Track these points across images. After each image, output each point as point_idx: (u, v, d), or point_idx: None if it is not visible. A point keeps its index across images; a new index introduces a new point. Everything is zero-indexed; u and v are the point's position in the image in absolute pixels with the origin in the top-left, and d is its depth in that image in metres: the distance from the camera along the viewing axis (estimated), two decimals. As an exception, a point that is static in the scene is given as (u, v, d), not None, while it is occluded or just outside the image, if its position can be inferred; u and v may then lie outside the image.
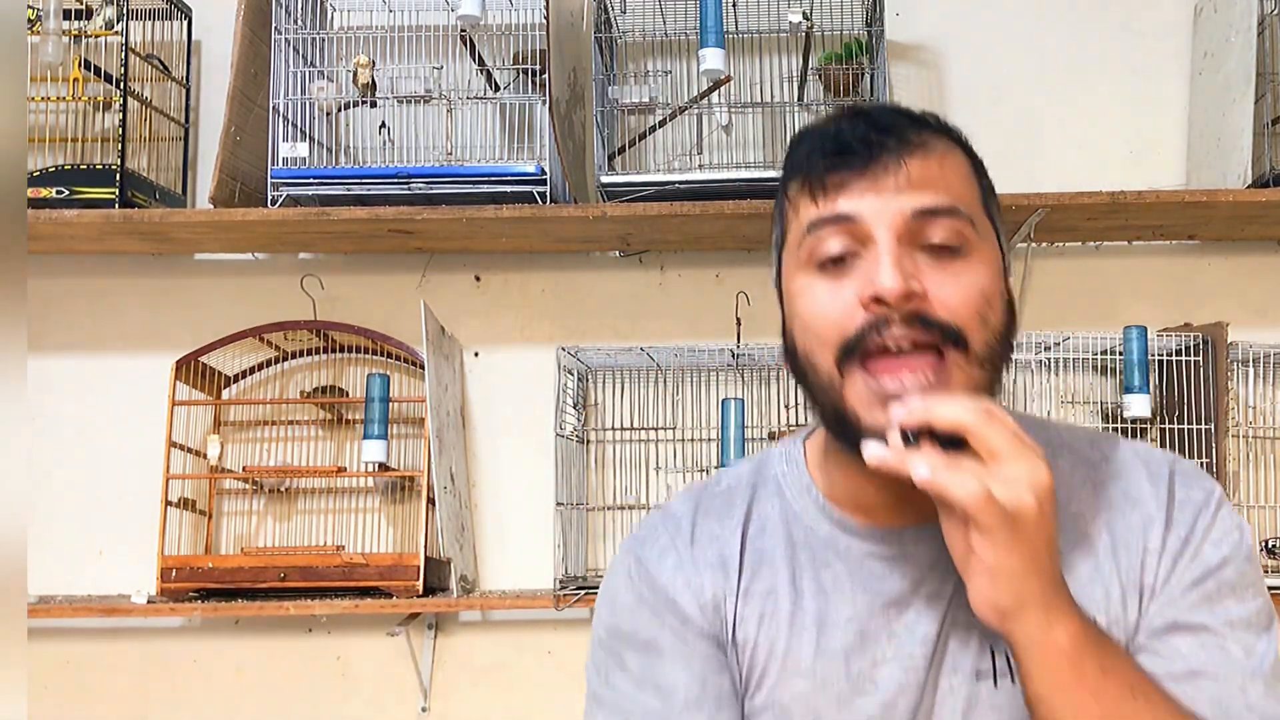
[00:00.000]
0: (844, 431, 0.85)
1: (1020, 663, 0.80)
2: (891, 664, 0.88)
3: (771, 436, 1.84)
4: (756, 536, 0.94)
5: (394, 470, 1.85)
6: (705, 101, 1.82)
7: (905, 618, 0.89)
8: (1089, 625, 0.81)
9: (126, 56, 1.80)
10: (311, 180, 1.74)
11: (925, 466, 0.77)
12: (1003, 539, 0.77)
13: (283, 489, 1.91)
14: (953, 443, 0.78)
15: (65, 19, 1.82)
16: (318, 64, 1.83)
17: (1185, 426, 1.72)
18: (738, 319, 1.83)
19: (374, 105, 1.85)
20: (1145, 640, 0.87)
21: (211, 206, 1.75)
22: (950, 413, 0.78)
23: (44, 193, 1.77)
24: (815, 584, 0.91)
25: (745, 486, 0.98)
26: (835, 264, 0.85)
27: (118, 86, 1.80)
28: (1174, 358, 1.76)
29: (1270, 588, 1.71)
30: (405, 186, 1.73)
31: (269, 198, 1.74)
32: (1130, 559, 0.88)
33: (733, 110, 1.87)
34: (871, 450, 0.80)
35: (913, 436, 0.79)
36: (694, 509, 0.97)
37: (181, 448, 1.84)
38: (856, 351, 0.83)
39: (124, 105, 1.79)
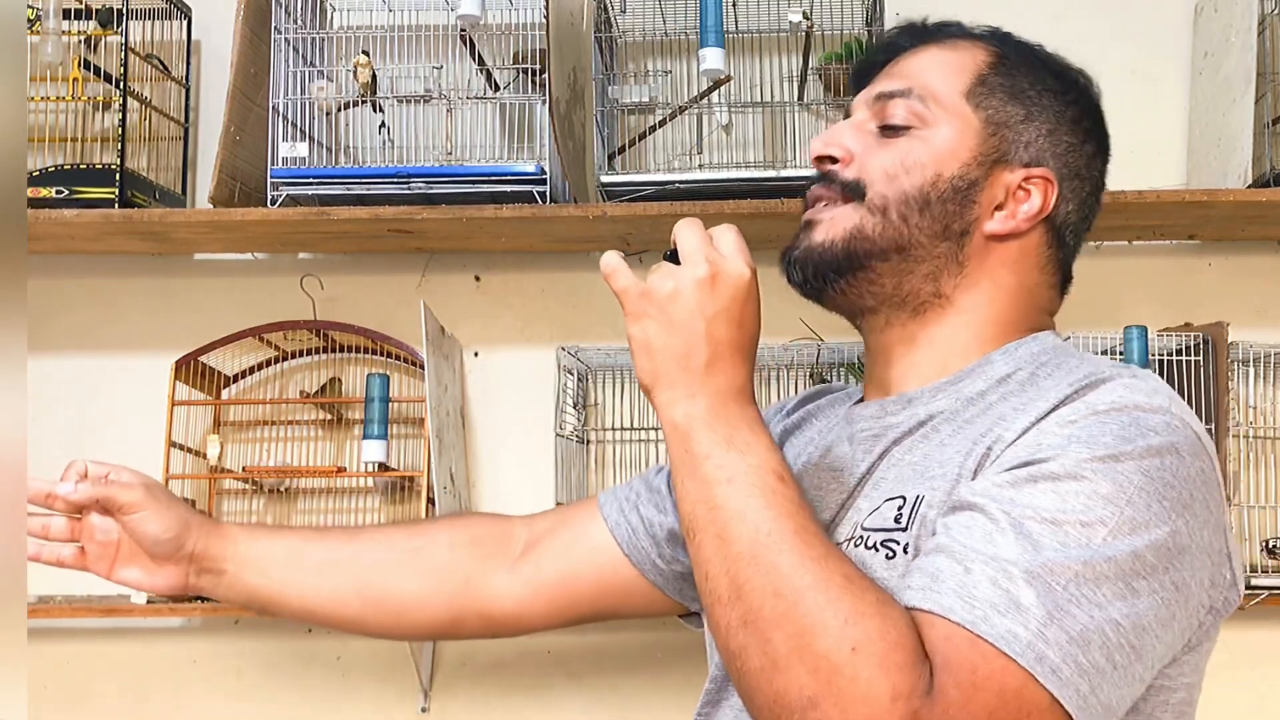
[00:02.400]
0: None
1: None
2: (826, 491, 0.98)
3: (771, 436, 1.83)
4: (806, 421, 1.12)
5: (394, 470, 1.85)
6: (705, 101, 1.82)
7: (830, 486, 0.98)
8: (723, 416, 0.86)
9: (126, 56, 1.80)
10: (311, 180, 1.74)
11: (606, 256, 0.93)
12: (631, 312, 0.90)
13: (282, 489, 1.91)
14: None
15: (65, 19, 1.83)
16: (318, 64, 1.83)
17: (1185, 426, 1.72)
18: (738, 319, 1.82)
19: (377, 109, 1.84)
20: (938, 516, 0.84)
21: (211, 206, 1.75)
22: (676, 228, 0.93)
23: (44, 193, 1.77)
24: (802, 456, 1.05)
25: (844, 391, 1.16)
26: None
27: (118, 86, 1.80)
28: (1174, 358, 1.76)
29: (1269, 587, 1.72)
30: (405, 186, 1.73)
31: (269, 198, 1.74)
32: (982, 445, 0.86)
33: (733, 110, 1.87)
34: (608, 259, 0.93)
35: (672, 254, 0.93)
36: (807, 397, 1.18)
37: (181, 448, 1.84)
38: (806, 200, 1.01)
39: (124, 105, 1.79)
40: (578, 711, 1.87)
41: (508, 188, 1.71)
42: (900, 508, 0.88)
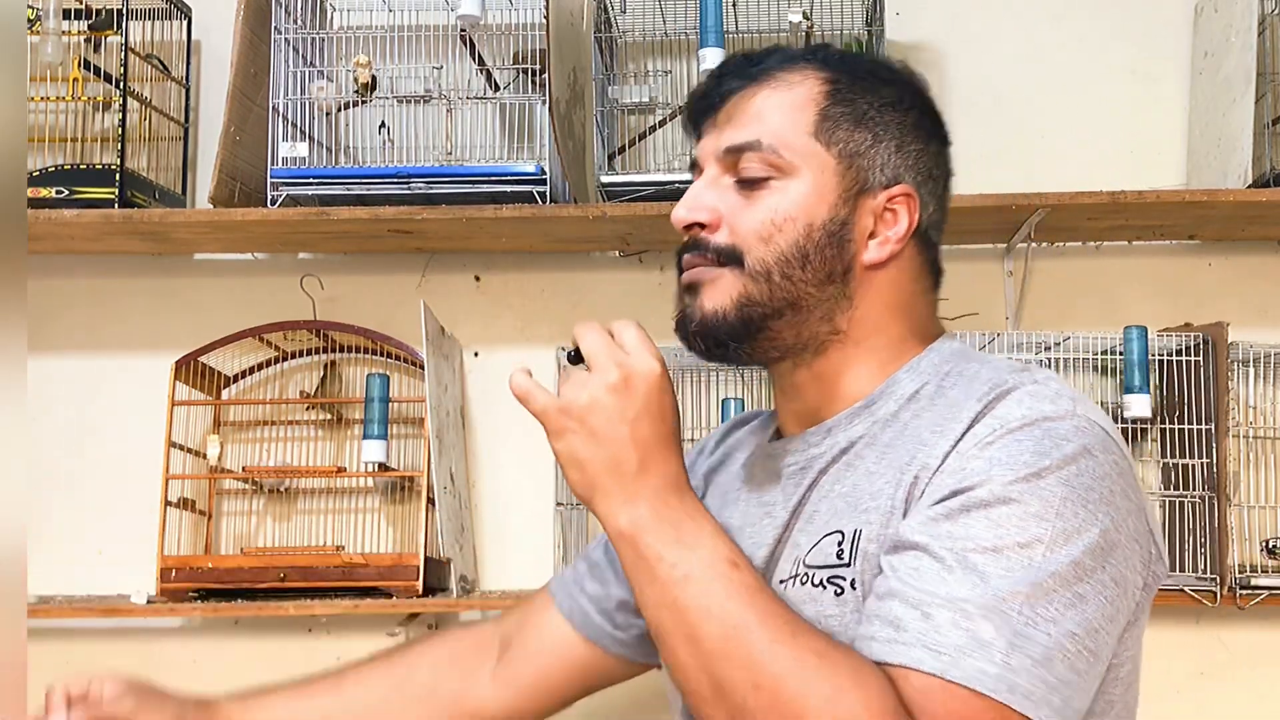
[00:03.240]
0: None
1: None
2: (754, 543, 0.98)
3: (771, 436, 1.84)
4: (727, 457, 1.12)
5: (394, 470, 1.85)
6: (705, 101, 1.81)
7: (763, 521, 0.98)
8: (667, 515, 0.87)
9: (126, 56, 1.80)
10: (311, 180, 1.74)
11: (514, 378, 0.93)
12: (552, 429, 0.90)
13: (282, 489, 1.91)
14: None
15: (65, 19, 1.83)
16: (318, 64, 1.83)
17: (1185, 426, 1.72)
18: (738, 319, 1.82)
19: (374, 103, 1.84)
20: (881, 558, 0.85)
21: (211, 206, 1.75)
22: (575, 330, 0.92)
23: (44, 193, 1.77)
24: (721, 494, 1.07)
25: (757, 422, 1.14)
26: None
27: (118, 86, 1.80)
28: (1174, 358, 1.76)
29: (1269, 587, 1.71)
30: (405, 186, 1.73)
31: (269, 198, 1.74)
32: (909, 475, 0.87)
33: (733, 110, 1.87)
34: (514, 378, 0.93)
35: (574, 354, 0.93)
36: (726, 432, 1.17)
37: (181, 448, 1.84)
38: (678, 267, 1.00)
39: (124, 105, 1.79)
40: (578, 711, 1.87)
41: (508, 188, 1.71)
42: (840, 543, 0.89)
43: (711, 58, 1.72)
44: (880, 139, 0.97)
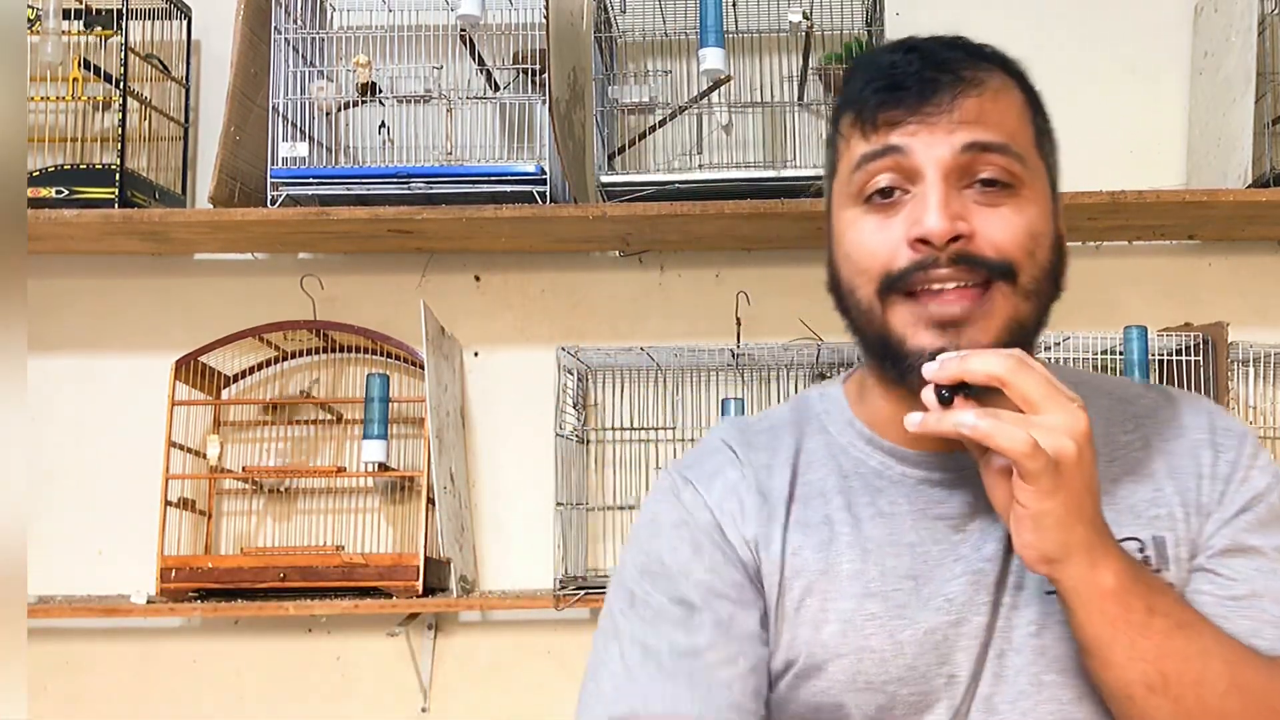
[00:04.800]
0: (888, 355, 0.87)
1: (1070, 608, 0.82)
2: (960, 580, 0.89)
3: (771, 436, 1.83)
4: (805, 470, 0.95)
5: (394, 470, 1.85)
6: (705, 101, 1.82)
7: (970, 538, 0.90)
8: (1133, 565, 0.83)
9: (126, 56, 1.80)
10: (311, 180, 1.74)
11: (972, 418, 0.79)
12: (1047, 486, 0.78)
13: (282, 489, 1.91)
14: (981, 393, 0.81)
15: (65, 19, 1.83)
16: (318, 64, 1.83)
17: (1185, 426, 1.72)
18: (738, 319, 1.83)
19: (381, 103, 1.84)
20: (1205, 560, 0.89)
21: (211, 206, 1.75)
22: (984, 365, 0.79)
23: (44, 193, 1.77)
24: (874, 509, 0.92)
25: (789, 424, 0.99)
26: (884, 199, 0.88)
27: (117, 86, 1.80)
28: (1174, 358, 1.76)
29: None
30: (405, 186, 1.73)
31: (269, 198, 1.74)
32: (1185, 480, 0.92)
33: (733, 110, 1.87)
34: (912, 419, 0.82)
35: (947, 393, 0.81)
36: (742, 442, 0.98)
37: (181, 448, 1.84)
38: (899, 287, 0.85)
39: (124, 105, 1.79)
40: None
41: (508, 188, 1.71)
42: (1142, 550, 0.90)
43: (711, 58, 1.72)
44: (1055, 152, 0.95)
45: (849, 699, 0.89)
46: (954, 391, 0.81)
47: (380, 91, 1.82)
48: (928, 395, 0.82)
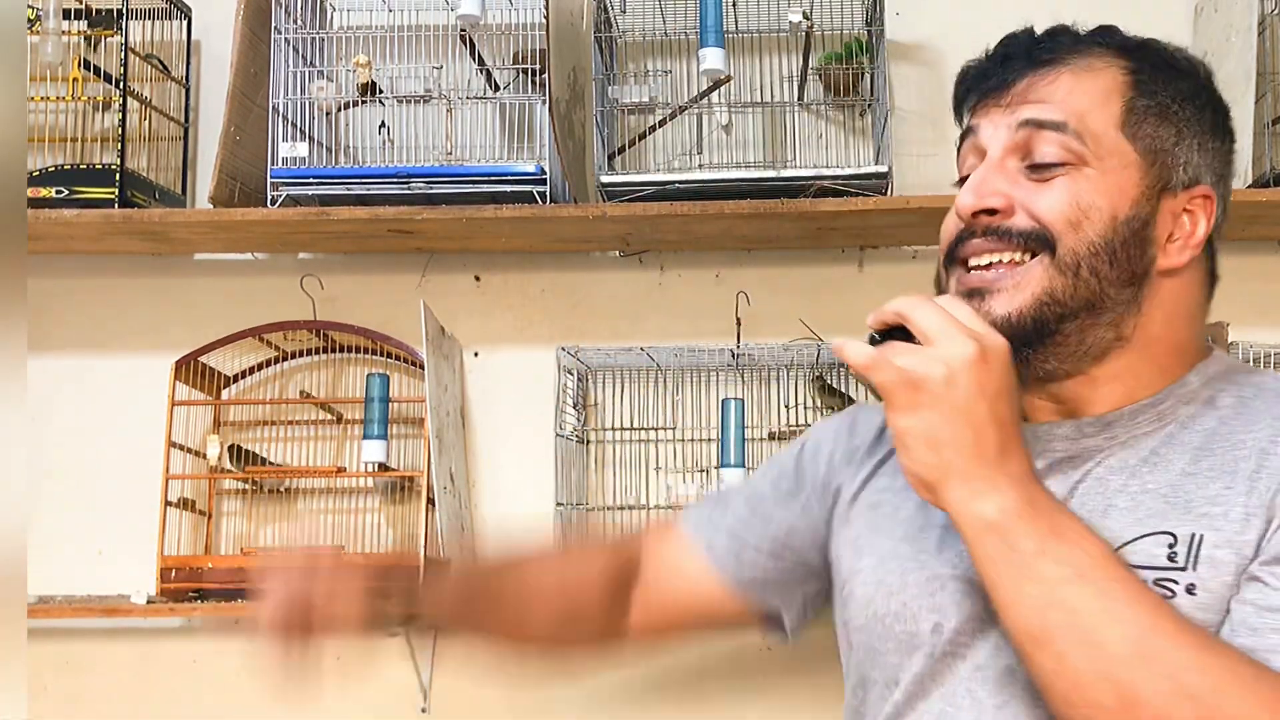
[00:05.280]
0: None
1: (965, 543, 0.82)
2: None
3: (772, 437, 1.84)
4: None
5: (394, 470, 1.85)
6: (705, 101, 1.82)
7: None
8: (1034, 506, 0.80)
9: (126, 56, 1.80)
10: (311, 180, 1.74)
11: (840, 340, 0.83)
12: (901, 404, 0.81)
13: (283, 489, 1.91)
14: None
15: (65, 19, 1.83)
16: (318, 64, 1.83)
17: (1185, 426, 1.72)
18: (738, 319, 1.82)
19: (381, 103, 1.84)
20: (1257, 568, 0.81)
21: (211, 206, 1.75)
22: (892, 305, 0.84)
23: (44, 193, 1.77)
24: None
25: None
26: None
27: (118, 86, 1.80)
28: (1174, 358, 1.75)
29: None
30: (405, 186, 1.73)
31: (269, 198, 1.74)
32: (1268, 483, 0.84)
33: (733, 110, 1.87)
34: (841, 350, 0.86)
35: (879, 337, 0.85)
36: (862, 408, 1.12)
37: (181, 448, 1.84)
38: (955, 259, 0.92)
39: (124, 105, 1.79)
40: (578, 711, 1.87)
41: (508, 188, 1.71)
42: (1172, 545, 0.84)
43: (711, 58, 1.72)
44: (1183, 136, 0.92)
45: (868, 626, 0.96)
46: (886, 335, 0.84)
47: (380, 91, 1.82)
48: (865, 338, 0.86)
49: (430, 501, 1.78)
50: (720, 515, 1.14)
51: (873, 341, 0.84)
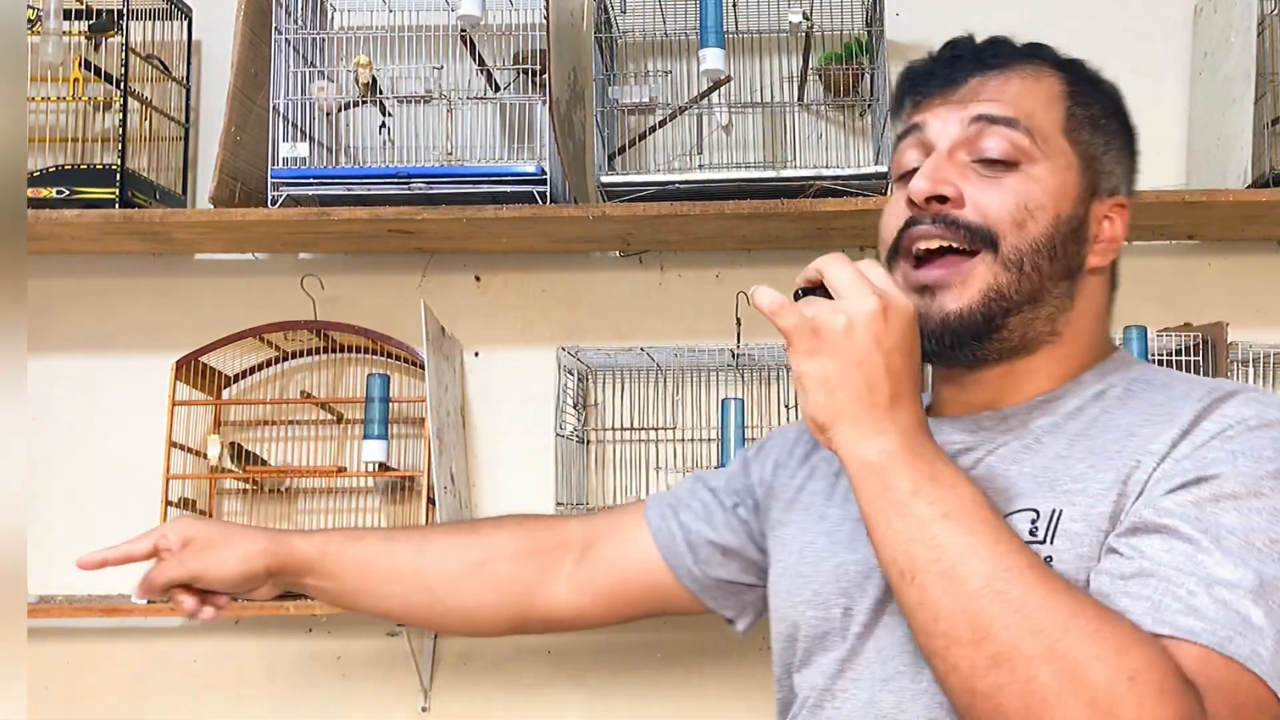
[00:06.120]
0: None
1: (850, 482, 0.86)
2: None
3: (771, 436, 1.84)
4: None
5: (394, 470, 1.85)
6: (705, 101, 1.82)
7: None
8: (912, 452, 0.84)
9: (127, 56, 1.80)
10: (311, 180, 1.74)
11: (761, 294, 0.85)
12: (802, 348, 0.84)
13: (283, 489, 1.91)
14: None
15: (65, 19, 1.83)
16: (318, 64, 1.83)
17: (1185, 426, 1.72)
18: (738, 319, 1.83)
19: (383, 111, 1.84)
20: (1113, 540, 0.84)
21: (211, 206, 1.75)
22: (815, 263, 0.88)
23: (44, 193, 1.77)
24: None
25: None
26: (911, 174, 0.96)
27: (118, 86, 1.80)
28: (1174, 358, 1.76)
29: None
30: (405, 186, 1.73)
31: (269, 198, 1.74)
32: (1127, 458, 0.88)
33: (733, 110, 1.87)
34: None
35: (803, 293, 0.89)
36: None
37: (181, 448, 1.84)
38: (900, 251, 0.95)
39: (124, 105, 1.79)
40: (578, 711, 1.87)
41: (508, 188, 1.71)
42: (1034, 520, 0.88)
43: (711, 58, 1.72)
44: (1109, 147, 0.99)
45: (787, 615, 1.02)
46: (808, 293, 0.88)
47: (380, 92, 1.81)
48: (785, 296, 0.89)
49: (430, 501, 1.78)
50: (680, 512, 1.18)
51: (796, 297, 0.88)
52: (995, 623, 0.76)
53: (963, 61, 0.98)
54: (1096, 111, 0.99)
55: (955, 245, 0.92)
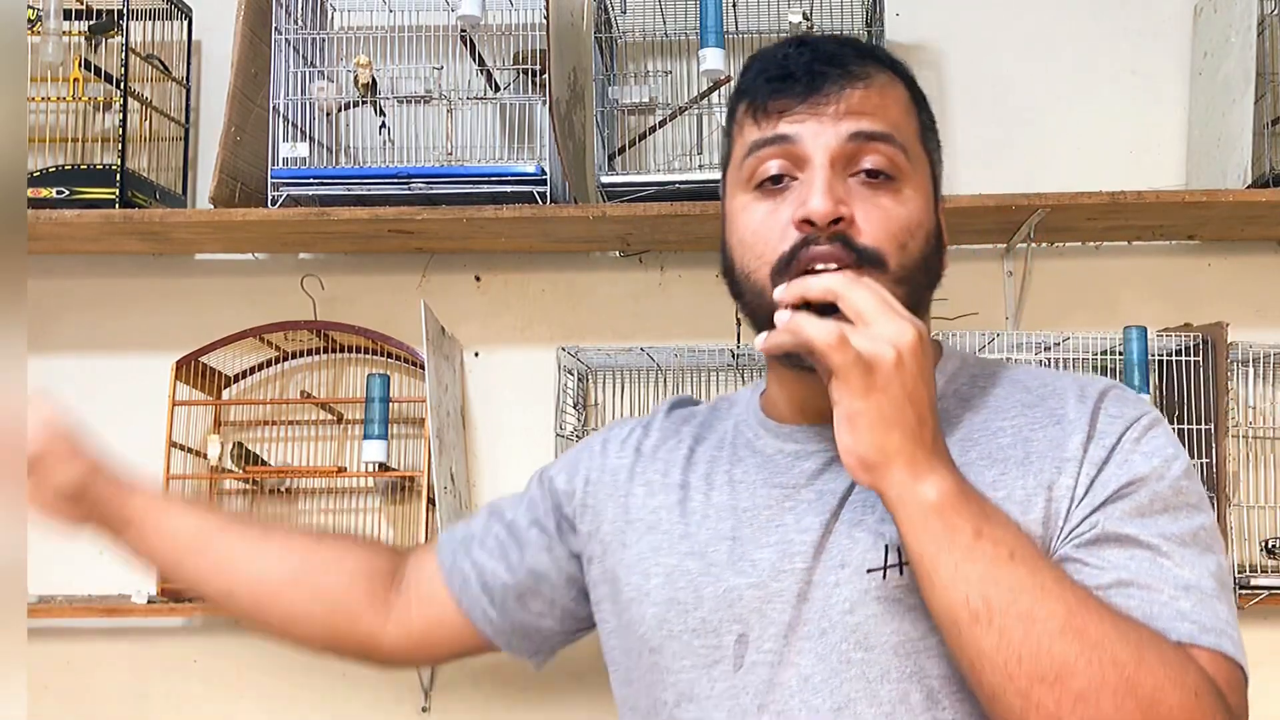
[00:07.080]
0: None
1: (898, 523, 0.83)
2: (771, 549, 0.93)
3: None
4: (698, 443, 1.05)
5: (394, 470, 1.85)
6: (705, 101, 1.82)
7: (797, 509, 0.94)
8: (965, 488, 0.83)
9: (127, 56, 1.80)
10: (311, 180, 1.74)
11: (787, 315, 0.83)
12: (857, 386, 0.81)
13: (283, 489, 1.91)
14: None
15: (65, 19, 1.83)
16: (318, 64, 1.83)
17: (1185, 427, 1.72)
18: (738, 319, 1.83)
19: (379, 111, 1.85)
20: (1072, 551, 0.86)
21: (211, 206, 1.75)
22: (820, 282, 0.84)
23: (44, 193, 1.77)
24: (727, 477, 1.00)
25: (710, 408, 1.11)
26: (774, 185, 0.92)
27: (118, 86, 1.80)
28: (1174, 358, 1.76)
29: (1269, 587, 1.72)
30: (405, 186, 1.73)
31: (269, 198, 1.74)
32: (1041, 464, 0.89)
33: (733, 110, 1.87)
34: (759, 339, 0.87)
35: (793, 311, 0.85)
36: (669, 412, 1.12)
37: (181, 448, 1.84)
38: (789, 269, 0.90)
39: (124, 105, 1.79)
40: (579, 711, 1.87)
41: (508, 188, 1.71)
42: None
43: (711, 58, 1.72)
44: (939, 152, 1.00)
45: (662, 646, 0.96)
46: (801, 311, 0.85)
47: (380, 92, 1.81)
48: (779, 316, 0.85)
49: (430, 501, 1.78)
50: (473, 549, 1.13)
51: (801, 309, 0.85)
52: (1079, 659, 0.78)
53: (829, 70, 0.92)
54: (928, 119, 0.99)
55: (846, 263, 0.90)
